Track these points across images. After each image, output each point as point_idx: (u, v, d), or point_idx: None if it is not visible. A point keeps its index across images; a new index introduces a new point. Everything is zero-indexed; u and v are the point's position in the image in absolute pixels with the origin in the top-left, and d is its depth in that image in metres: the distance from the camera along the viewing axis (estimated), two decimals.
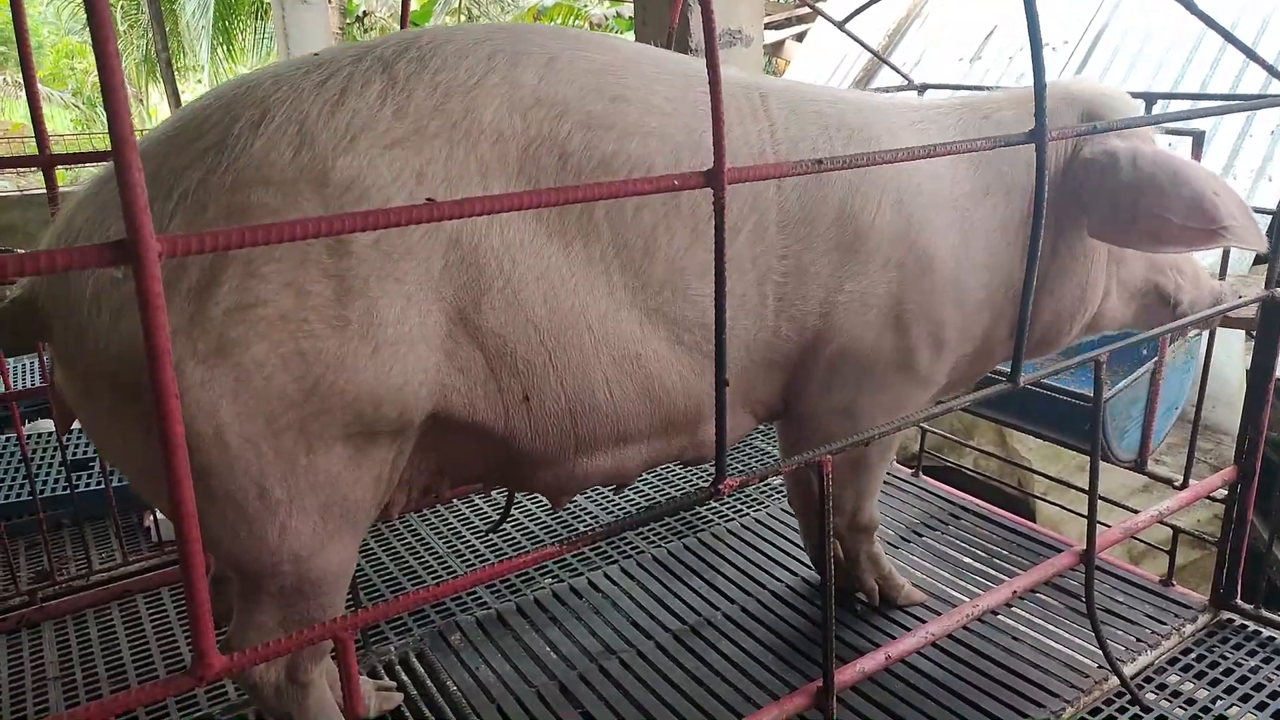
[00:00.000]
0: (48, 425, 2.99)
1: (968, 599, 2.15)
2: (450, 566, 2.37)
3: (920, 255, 1.63)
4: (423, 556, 2.42)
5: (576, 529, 2.48)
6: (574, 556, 2.36)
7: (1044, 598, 2.14)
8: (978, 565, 2.31)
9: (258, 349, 1.15)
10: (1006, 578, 2.24)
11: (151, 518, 2.45)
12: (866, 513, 1.99)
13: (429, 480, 1.53)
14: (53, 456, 2.81)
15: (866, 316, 1.62)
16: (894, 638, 1.82)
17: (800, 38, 7.35)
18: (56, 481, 2.69)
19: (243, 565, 1.33)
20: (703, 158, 1.43)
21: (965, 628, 1.92)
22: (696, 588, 2.23)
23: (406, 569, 2.36)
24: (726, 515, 2.59)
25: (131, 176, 0.63)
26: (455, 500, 2.69)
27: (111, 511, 2.32)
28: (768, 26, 7.77)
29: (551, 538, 2.50)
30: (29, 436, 2.87)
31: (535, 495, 2.61)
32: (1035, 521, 2.92)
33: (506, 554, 2.41)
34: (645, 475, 2.81)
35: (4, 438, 2.88)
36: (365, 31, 15.28)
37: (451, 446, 1.45)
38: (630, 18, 14.81)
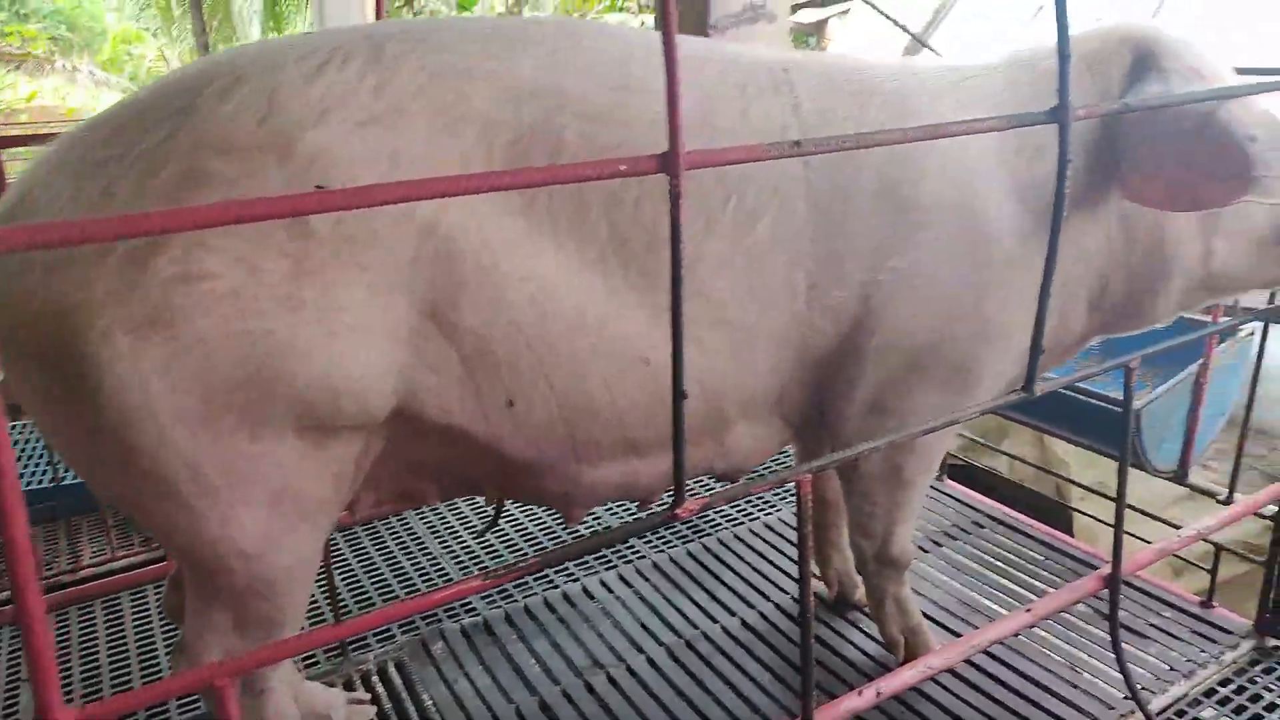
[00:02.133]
0: None
1: (987, 618, 2.01)
2: (443, 568, 2.29)
3: (973, 225, 1.44)
4: (415, 556, 2.34)
5: (563, 539, 2.38)
6: (574, 562, 2.27)
7: (1067, 615, 1.98)
8: (1000, 580, 2.16)
9: (200, 324, 1.08)
10: (1030, 595, 2.09)
11: None
12: (899, 542, 1.70)
13: (406, 484, 1.45)
14: (42, 450, 2.78)
15: (914, 299, 1.44)
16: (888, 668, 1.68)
17: (845, 15, 7.11)
18: (44, 473, 2.66)
19: (188, 558, 1.26)
20: (720, 142, 1.31)
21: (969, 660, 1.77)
22: (696, 598, 2.12)
23: (396, 568, 2.29)
24: (734, 519, 2.47)
25: None
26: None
27: (101, 505, 2.28)
28: (809, 5, 7.52)
29: (549, 539, 2.40)
30: (15, 426, 2.84)
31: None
32: (1073, 531, 2.74)
33: (502, 554, 2.32)
34: None
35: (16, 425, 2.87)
36: (414, 14, 15.31)
37: (429, 449, 1.36)
38: None
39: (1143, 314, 1.63)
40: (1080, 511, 2.66)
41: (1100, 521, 2.51)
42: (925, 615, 1.98)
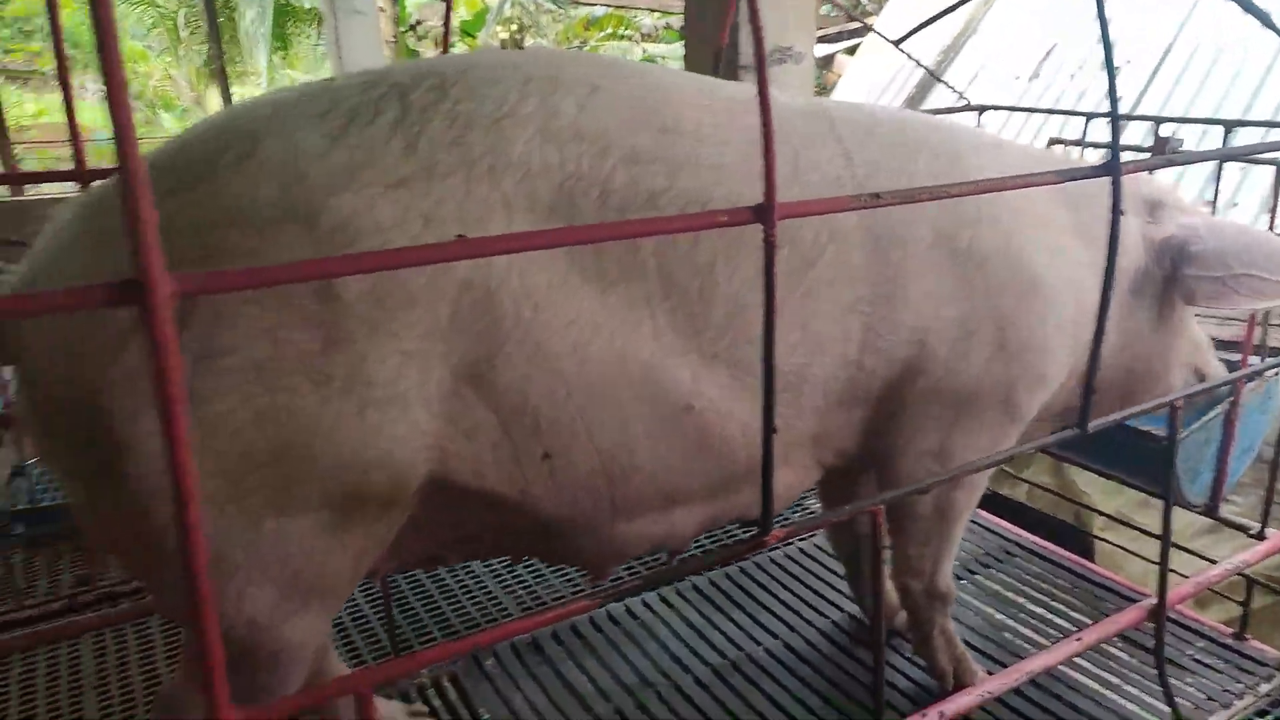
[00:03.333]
0: None
1: (1029, 646, 2.05)
2: (486, 587, 2.32)
3: (1023, 275, 1.51)
4: (458, 573, 2.38)
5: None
6: (611, 580, 2.31)
7: (1104, 645, 2.03)
8: (1034, 609, 2.21)
9: (224, 402, 1.03)
10: (1066, 624, 2.14)
11: None
12: (946, 575, 1.76)
13: (430, 549, 1.40)
14: None
15: (967, 344, 1.49)
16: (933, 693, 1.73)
17: (852, 51, 7.26)
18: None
19: (194, 625, 1.25)
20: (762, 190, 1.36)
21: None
22: (738, 620, 2.16)
23: (442, 586, 2.32)
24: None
25: (143, 210, 0.58)
26: None
27: None
28: (818, 40, 7.68)
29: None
30: None
31: None
32: (1094, 557, 2.80)
33: (545, 576, 2.36)
34: None
35: None
36: (419, 39, 15.46)
37: (456, 514, 1.31)
38: (681, 29, 14.82)
39: (1126, 401, 1.77)
40: (1105, 540, 2.71)
41: (1130, 552, 2.57)
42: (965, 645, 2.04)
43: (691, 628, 2.13)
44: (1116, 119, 1.18)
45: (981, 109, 2.94)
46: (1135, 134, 4.28)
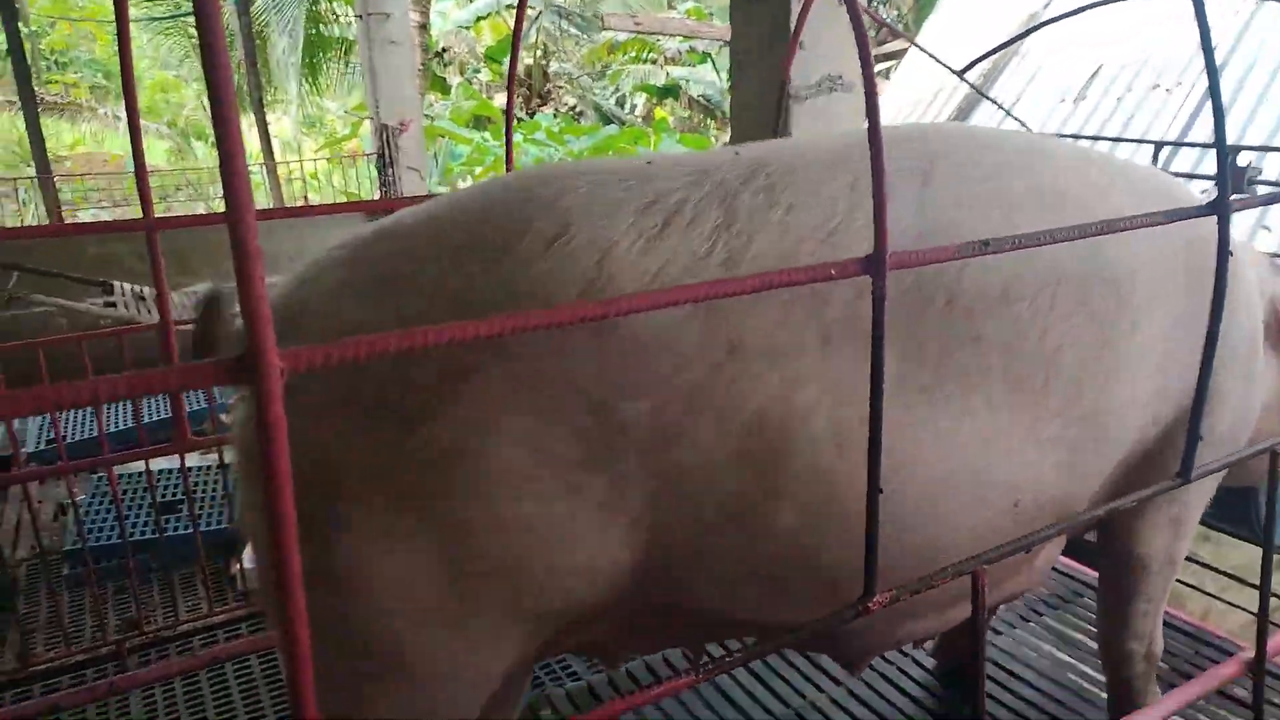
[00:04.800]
0: (138, 466, 2.99)
1: (1097, 689, 1.97)
2: None
3: (1251, 340, 1.47)
4: None
5: None
6: None
7: None
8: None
9: (465, 504, 0.95)
10: None
11: (238, 565, 2.41)
12: (1160, 636, 1.64)
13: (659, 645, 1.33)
14: (142, 498, 2.80)
15: (1216, 401, 1.38)
16: None
17: (888, 74, 7.23)
18: (146, 524, 2.67)
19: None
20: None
21: None
22: (798, 664, 2.09)
23: None
24: None
25: (254, 287, 0.55)
26: None
27: (199, 557, 2.29)
28: None
29: None
30: (119, 477, 2.87)
31: None
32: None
33: None
34: None
35: (96, 477, 2.89)
36: (445, 66, 15.61)
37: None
38: (703, 51, 14.84)
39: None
40: (1192, 586, 2.59)
41: (1188, 587, 2.47)
42: (1030, 686, 1.97)
43: (753, 675, 2.06)
44: (1224, 151, 1.13)
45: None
46: (1185, 161, 4.18)
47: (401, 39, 5.90)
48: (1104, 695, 1.96)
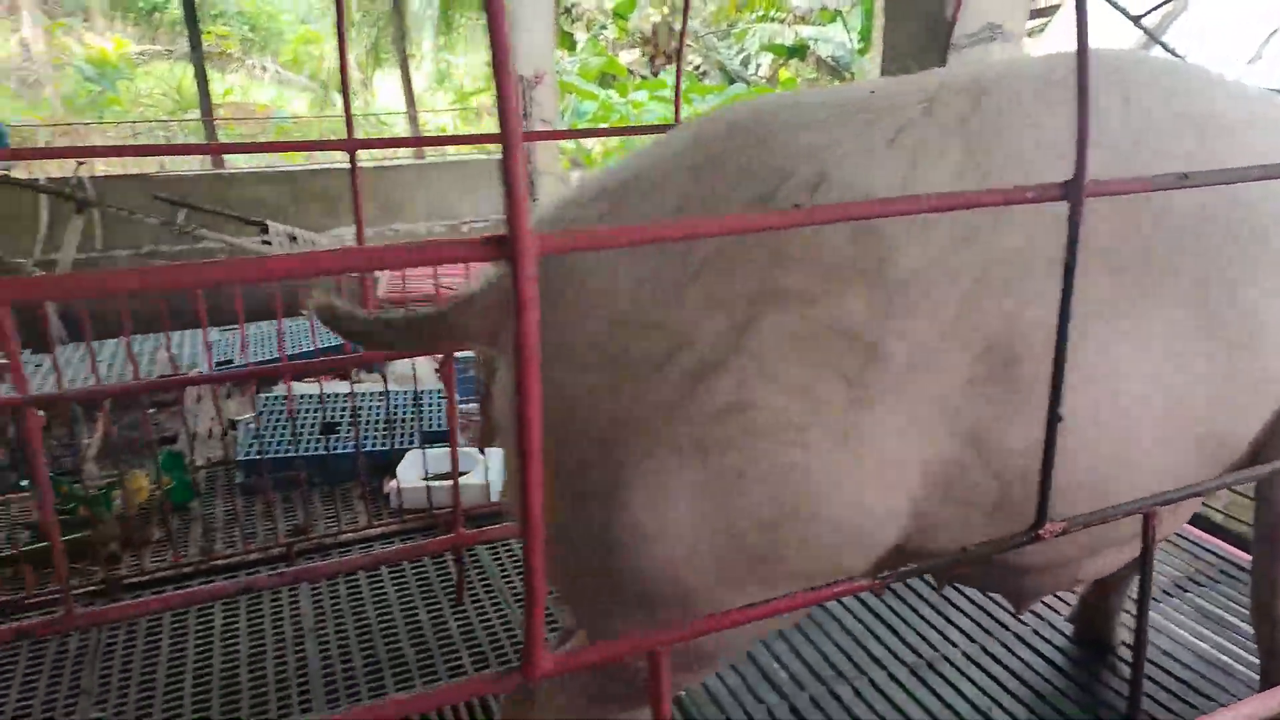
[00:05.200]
0: (311, 388, 3.21)
1: (1244, 667, 1.92)
2: None
3: None
4: None
5: None
6: None
7: None
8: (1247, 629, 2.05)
9: (743, 454, 0.99)
10: None
11: (394, 484, 2.57)
12: None
13: None
14: (308, 416, 3.01)
15: None
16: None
17: (1042, 30, 6.89)
18: (314, 441, 2.86)
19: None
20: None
21: None
22: (929, 618, 2.11)
23: None
24: None
25: (516, 174, 0.61)
26: None
27: (359, 476, 2.46)
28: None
29: None
30: (296, 396, 3.07)
31: None
32: None
33: None
34: None
35: (272, 396, 3.11)
36: (572, 22, 15.68)
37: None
38: (834, 9, 14.40)
39: None
40: None
41: None
42: (1173, 659, 1.93)
43: (883, 623, 2.09)
44: None
45: None
46: None
47: None
48: (1252, 675, 1.91)
